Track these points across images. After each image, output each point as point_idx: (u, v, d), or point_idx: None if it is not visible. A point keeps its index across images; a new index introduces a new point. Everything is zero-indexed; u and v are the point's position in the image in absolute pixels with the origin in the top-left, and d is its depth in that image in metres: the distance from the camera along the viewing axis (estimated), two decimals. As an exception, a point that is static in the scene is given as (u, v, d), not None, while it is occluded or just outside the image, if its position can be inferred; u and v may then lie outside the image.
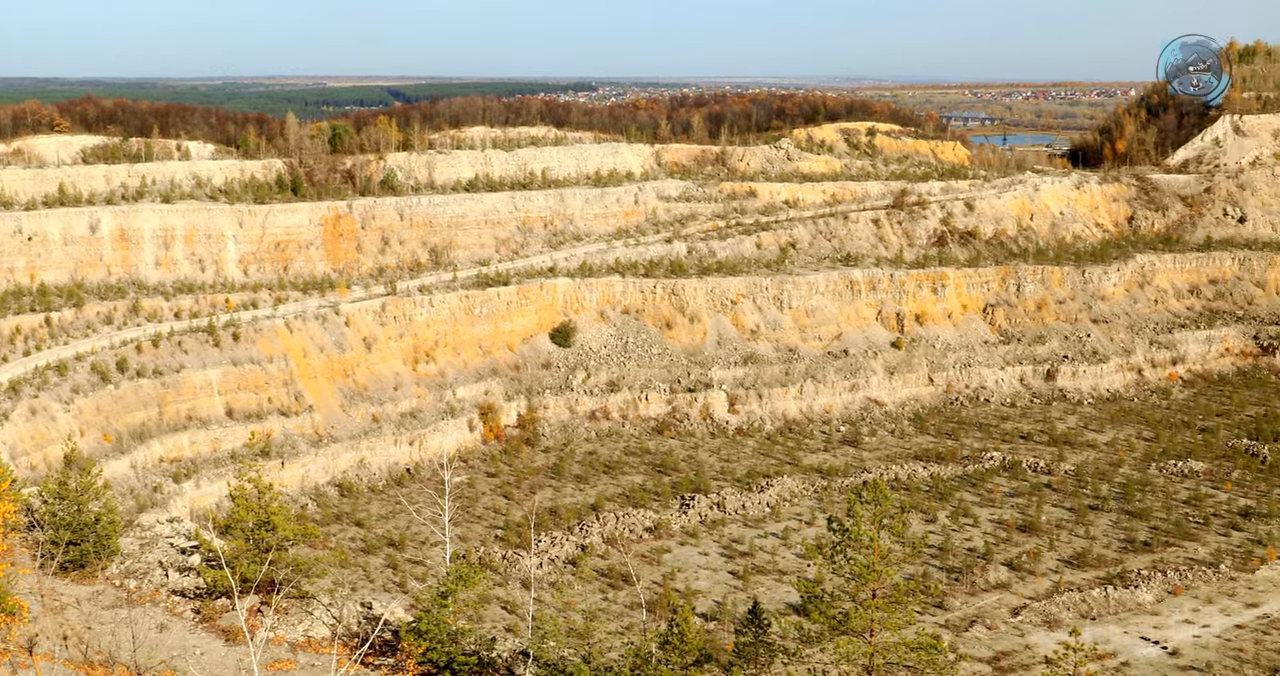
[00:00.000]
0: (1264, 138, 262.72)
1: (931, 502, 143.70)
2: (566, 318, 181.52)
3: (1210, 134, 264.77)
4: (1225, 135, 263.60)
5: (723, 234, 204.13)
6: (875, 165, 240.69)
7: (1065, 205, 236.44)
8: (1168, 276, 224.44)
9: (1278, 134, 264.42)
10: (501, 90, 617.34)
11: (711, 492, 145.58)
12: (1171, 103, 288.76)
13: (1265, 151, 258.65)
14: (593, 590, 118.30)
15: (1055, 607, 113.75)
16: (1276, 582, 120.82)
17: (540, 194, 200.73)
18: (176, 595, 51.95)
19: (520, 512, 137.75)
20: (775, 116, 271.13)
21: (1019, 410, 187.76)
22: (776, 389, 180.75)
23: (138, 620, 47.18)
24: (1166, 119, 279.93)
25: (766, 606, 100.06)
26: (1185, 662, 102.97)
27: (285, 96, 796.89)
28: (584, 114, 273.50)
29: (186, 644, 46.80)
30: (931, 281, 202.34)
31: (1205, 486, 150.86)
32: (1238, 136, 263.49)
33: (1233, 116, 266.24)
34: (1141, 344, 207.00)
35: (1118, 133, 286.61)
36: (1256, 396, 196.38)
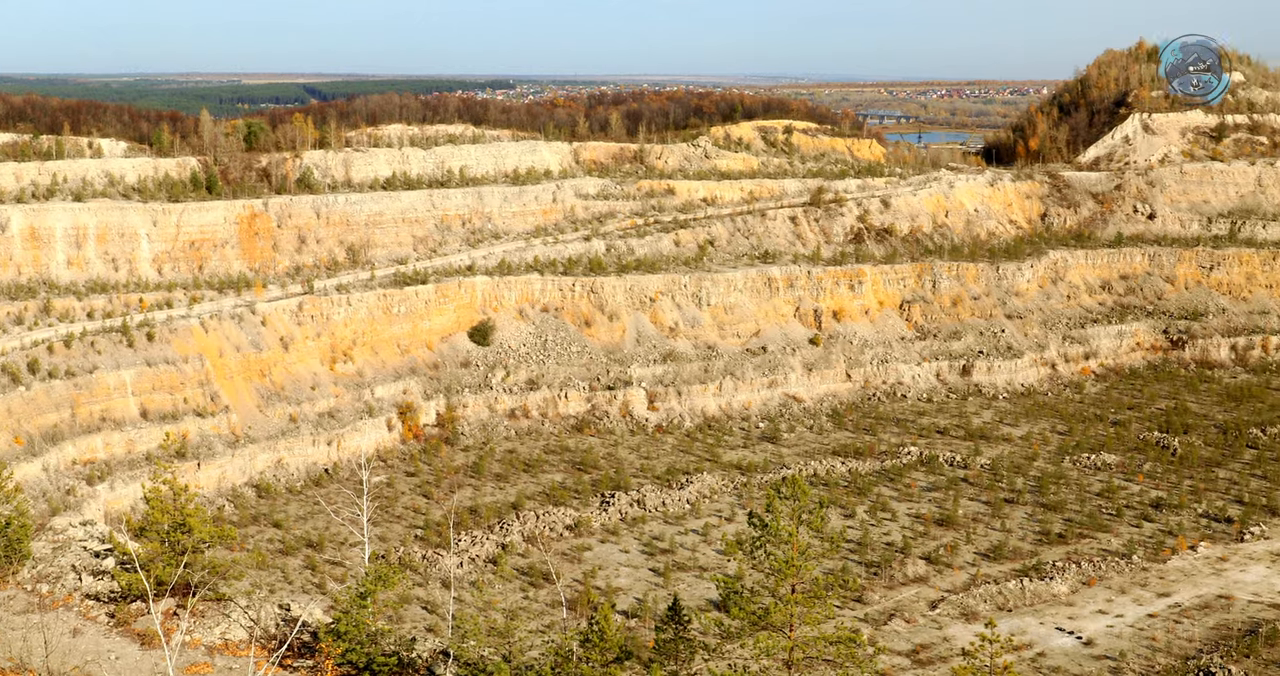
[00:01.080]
0: (1172, 136, 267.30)
1: (850, 498, 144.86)
2: (485, 316, 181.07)
3: (1121, 132, 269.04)
4: (1135, 133, 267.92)
5: (641, 232, 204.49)
6: (792, 163, 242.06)
7: (980, 202, 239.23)
8: (1080, 272, 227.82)
9: (1186, 132, 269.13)
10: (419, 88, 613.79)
11: (632, 490, 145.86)
12: (1083, 101, 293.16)
13: (1174, 149, 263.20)
14: (513, 589, 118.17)
15: (972, 600, 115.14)
16: (1187, 572, 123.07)
17: (458, 192, 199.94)
18: (90, 599, 51.27)
19: (440, 512, 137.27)
20: (693, 114, 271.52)
21: (935, 405, 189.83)
22: (696, 386, 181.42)
23: (50, 625, 46.56)
24: (1078, 117, 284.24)
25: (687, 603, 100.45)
26: (1100, 652, 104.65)
27: (200, 93, 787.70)
28: (502, 112, 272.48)
29: (101, 648, 46.25)
30: (849, 278, 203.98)
31: (1118, 478, 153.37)
32: (1147, 134, 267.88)
33: (1142, 115, 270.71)
34: (1055, 339, 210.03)
35: (1030, 131, 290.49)
36: (1167, 390, 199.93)
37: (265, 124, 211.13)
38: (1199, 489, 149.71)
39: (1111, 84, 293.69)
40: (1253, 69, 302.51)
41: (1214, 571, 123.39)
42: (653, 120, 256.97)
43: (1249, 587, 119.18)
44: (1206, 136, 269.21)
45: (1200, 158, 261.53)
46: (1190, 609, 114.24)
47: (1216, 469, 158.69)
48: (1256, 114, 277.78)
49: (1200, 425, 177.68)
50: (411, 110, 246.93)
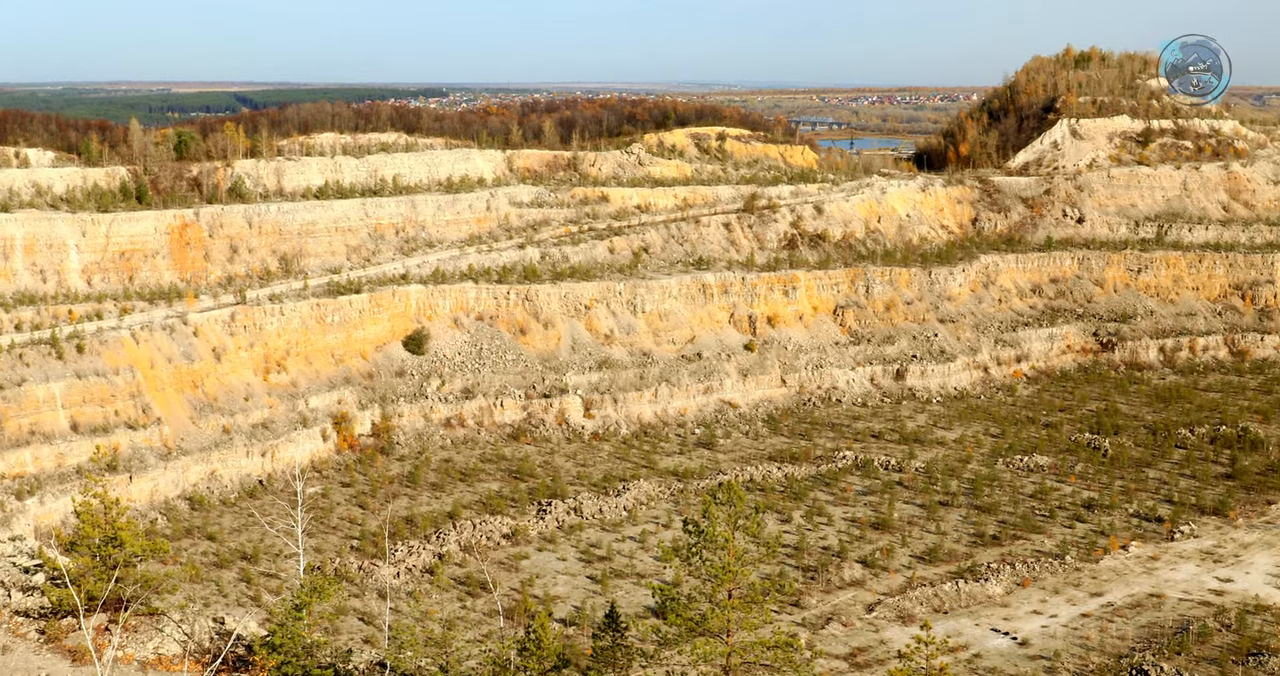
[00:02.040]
0: (1100, 141, 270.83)
1: (786, 502, 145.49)
2: (420, 325, 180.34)
3: (1049, 137, 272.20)
4: (1063, 138, 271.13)
5: (576, 239, 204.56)
6: (726, 169, 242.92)
7: (911, 207, 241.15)
8: (1011, 276, 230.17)
9: (1113, 137, 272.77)
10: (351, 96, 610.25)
11: (568, 498, 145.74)
12: (1012, 107, 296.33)
13: (1101, 154, 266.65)
14: (450, 598, 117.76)
15: (908, 602, 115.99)
16: (1119, 572, 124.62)
17: (392, 200, 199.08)
18: (20, 615, 50.63)
19: (376, 522, 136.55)
20: (626, 122, 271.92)
21: (870, 409, 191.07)
22: (631, 393, 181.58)
23: (-21, 642, 45.94)
24: (1007, 123, 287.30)
25: (625, 610, 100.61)
26: (1034, 652, 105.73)
27: (129, 102, 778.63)
28: (435, 120, 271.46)
29: (31, 666, 45.70)
30: (782, 284, 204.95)
31: (1050, 480, 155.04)
32: (1075, 139, 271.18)
33: (1070, 120, 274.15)
34: (987, 342, 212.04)
35: (961, 136, 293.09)
36: (1097, 391, 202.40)
37: (196, 133, 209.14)
38: (1130, 489, 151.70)
39: (1040, 90, 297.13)
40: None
41: (1145, 570, 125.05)
42: (586, 128, 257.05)
43: (1179, 586, 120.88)
44: (1133, 141, 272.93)
45: (1127, 162, 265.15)
46: (1122, 608, 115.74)
47: (1146, 469, 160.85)
48: (1181, 119, 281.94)
49: (1130, 426, 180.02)
50: (344, 119, 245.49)
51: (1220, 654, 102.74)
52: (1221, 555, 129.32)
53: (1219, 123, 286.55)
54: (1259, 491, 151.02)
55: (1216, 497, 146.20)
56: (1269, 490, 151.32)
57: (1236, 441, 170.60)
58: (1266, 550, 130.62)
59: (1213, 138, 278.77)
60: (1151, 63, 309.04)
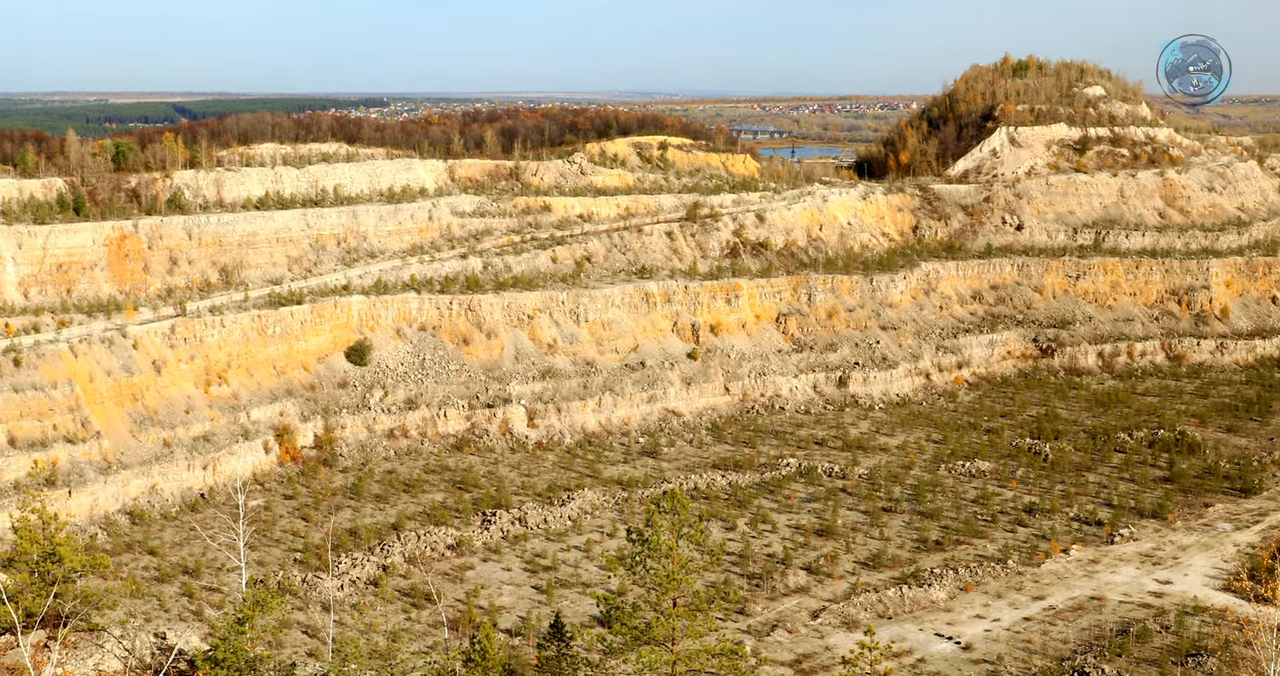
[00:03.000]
0: (1038, 148, 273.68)
1: (731, 510, 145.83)
2: (362, 336, 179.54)
3: (988, 145, 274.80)
4: (1002, 146, 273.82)
5: (518, 249, 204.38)
6: (668, 178, 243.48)
7: (853, 216, 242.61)
8: (951, 283, 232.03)
9: (1051, 144, 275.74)
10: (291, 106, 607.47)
11: (513, 508, 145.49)
12: (951, 115, 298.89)
13: (1039, 161, 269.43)
14: (395, 610, 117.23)
15: (853, 608, 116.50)
16: (1061, 575, 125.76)
17: (333, 211, 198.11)
18: (-43, 633, 50.03)
19: (319, 534, 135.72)
20: (568, 131, 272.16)
21: (813, 417, 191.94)
22: (575, 402, 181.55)
23: (-84, 661, 45.37)
24: (947, 131, 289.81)
25: (570, 619, 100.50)
26: (978, 656, 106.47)
27: (65, 113, 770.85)
28: (376, 130, 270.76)
29: (-31, 683, 45.18)
30: (725, 292, 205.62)
31: (992, 485, 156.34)
32: (1013, 147, 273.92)
33: (1008, 128, 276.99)
34: (928, 349, 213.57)
35: (901, 144, 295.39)
36: (1037, 397, 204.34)
37: (134, 144, 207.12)
38: (1070, 493, 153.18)
39: (978, 98, 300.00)
40: (1113, 83, 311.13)
41: (1086, 573, 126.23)
42: (528, 137, 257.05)
43: (1120, 588, 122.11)
44: (1071, 149, 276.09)
45: (1065, 169, 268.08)
46: (1064, 611, 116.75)
47: (1086, 473, 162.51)
48: (1118, 127, 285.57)
49: (1070, 431, 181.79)
50: (284, 129, 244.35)
51: (1160, 655, 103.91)
52: (1160, 557, 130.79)
53: (1154, 131, 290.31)
54: (1196, 494, 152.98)
55: (1155, 501, 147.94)
56: (1206, 493, 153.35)
57: (1174, 445, 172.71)
58: (1204, 552, 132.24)
59: (1148, 145, 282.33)
60: (1088, 71, 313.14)
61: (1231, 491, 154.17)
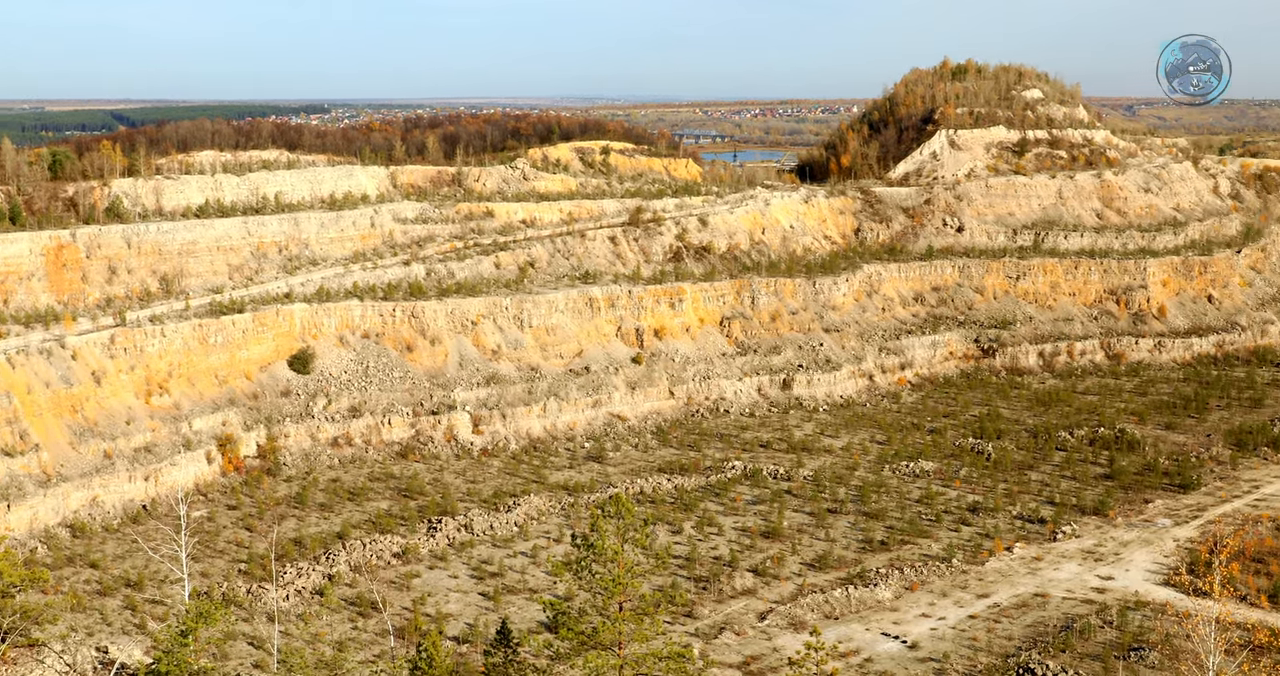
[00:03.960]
0: (977, 151, 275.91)
1: (677, 514, 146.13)
2: (305, 344, 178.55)
3: (928, 148, 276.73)
4: (942, 149, 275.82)
5: (461, 255, 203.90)
6: (610, 183, 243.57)
7: (795, 219, 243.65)
8: (893, 285, 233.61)
9: (990, 147, 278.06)
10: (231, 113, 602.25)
11: (459, 514, 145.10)
12: (891, 119, 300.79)
13: (979, 164, 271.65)
14: (341, 619, 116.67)
15: (800, 609, 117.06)
16: (1005, 573, 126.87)
17: (274, 218, 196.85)
18: (-105, 650, 49.43)
19: (263, 544, 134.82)
20: (510, 136, 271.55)
21: (758, 419, 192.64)
22: (520, 408, 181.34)
23: None
24: (887, 134, 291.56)
25: (518, 625, 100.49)
26: (924, 655, 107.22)
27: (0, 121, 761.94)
28: (317, 136, 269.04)
29: (-92, 700, 44.69)
30: (669, 296, 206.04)
31: (935, 485, 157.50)
32: (953, 150, 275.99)
33: (948, 131, 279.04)
34: (871, 351, 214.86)
35: (842, 148, 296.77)
36: (979, 397, 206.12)
37: (71, 152, 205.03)
38: (1013, 492, 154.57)
39: (918, 102, 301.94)
40: (1051, 86, 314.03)
41: (1029, 571, 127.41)
42: (470, 143, 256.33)
43: (1063, 585, 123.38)
44: (1010, 151, 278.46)
45: (1004, 172, 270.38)
46: (1008, 608, 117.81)
47: (1029, 472, 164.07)
48: (1055, 129, 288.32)
49: (1012, 430, 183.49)
50: (224, 136, 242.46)
51: (1103, 650, 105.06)
52: (1102, 554, 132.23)
53: (1091, 133, 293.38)
54: (1136, 490, 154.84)
55: (1096, 498, 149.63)
56: (1146, 489, 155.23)
57: (1114, 442, 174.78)
58: (1145, 547, 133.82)
59: (1086, 147, 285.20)
60: (1026, 74, 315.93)
61: (1170, 487, 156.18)
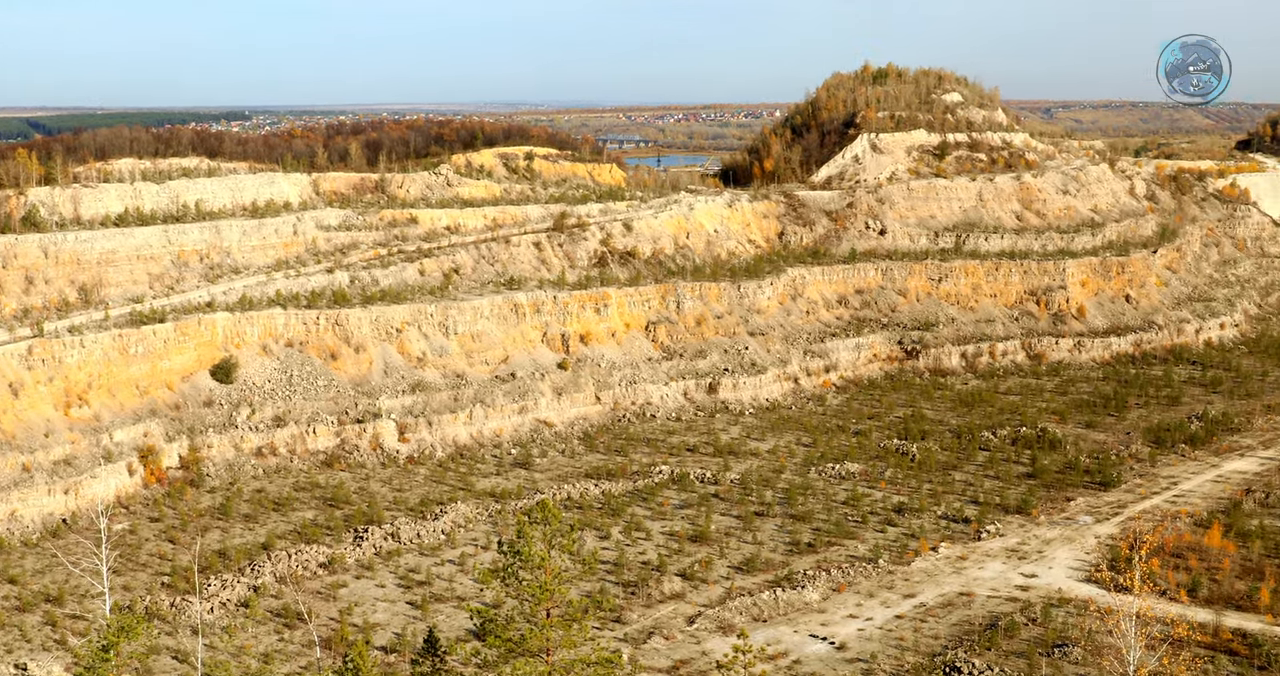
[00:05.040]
0: (899, 154, 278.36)
1: (604, 519, 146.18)
2: (227, 353, 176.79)
3: (850, 151, 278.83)
4: (864, 153, 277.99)
5: (385, 262, 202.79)
6: (535, 189, 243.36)
7: (719, 223, 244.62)
8: (818, 288, 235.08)
9: (911, 150, 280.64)
10: (150, 120, 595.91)
11: (385, 523, 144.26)
12: (813, 122, 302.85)
13: (900, 167, 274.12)
14: (267, 631, 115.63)
15: (728, 613, 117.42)
16: (930, 572, 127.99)
17: (195, 227, 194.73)
18: None
19: (187, 556, 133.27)
20: (434, 143, 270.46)
21: (684, 423, 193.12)
22: (446, 415, 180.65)
23: None
24: (810, 138, 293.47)
25: (446, 634, 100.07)
26: (852, 655, 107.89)
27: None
28: (238, 144, 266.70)
29: None
30: (594, 301, 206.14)
31: (861, 486, 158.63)
32: (875, 154, 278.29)
33: (870, 135, 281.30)
34: (796, 354, 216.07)
35: (765, 152, 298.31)
36: (904, 398, 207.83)
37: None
38: (937, 492, 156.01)
39: (840, 106, 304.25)
40: (970, 90, 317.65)
41: (955, 570, 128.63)
42: (393, 149, 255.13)
43: (987, 583, 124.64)
44: (930, 154, 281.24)
45: (925, 175, 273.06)
46: (934, 607, 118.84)
47: (953, 472, 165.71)
48: (975, 132, 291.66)
49: (936, 431, 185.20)
50: (143, 144, 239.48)
51: (1027, 647, 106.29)
52: (1026, 552, 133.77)
53: (1010, 136, 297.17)
54: (1058, 489, 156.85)
55: (1019, 496, 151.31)
56: (1067, 487, 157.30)
57: (1036, 442, 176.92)
58: (1067, 545, 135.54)
59: (1005, 150, 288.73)
60: (946, 78, 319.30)
61: (1091, 485, 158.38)
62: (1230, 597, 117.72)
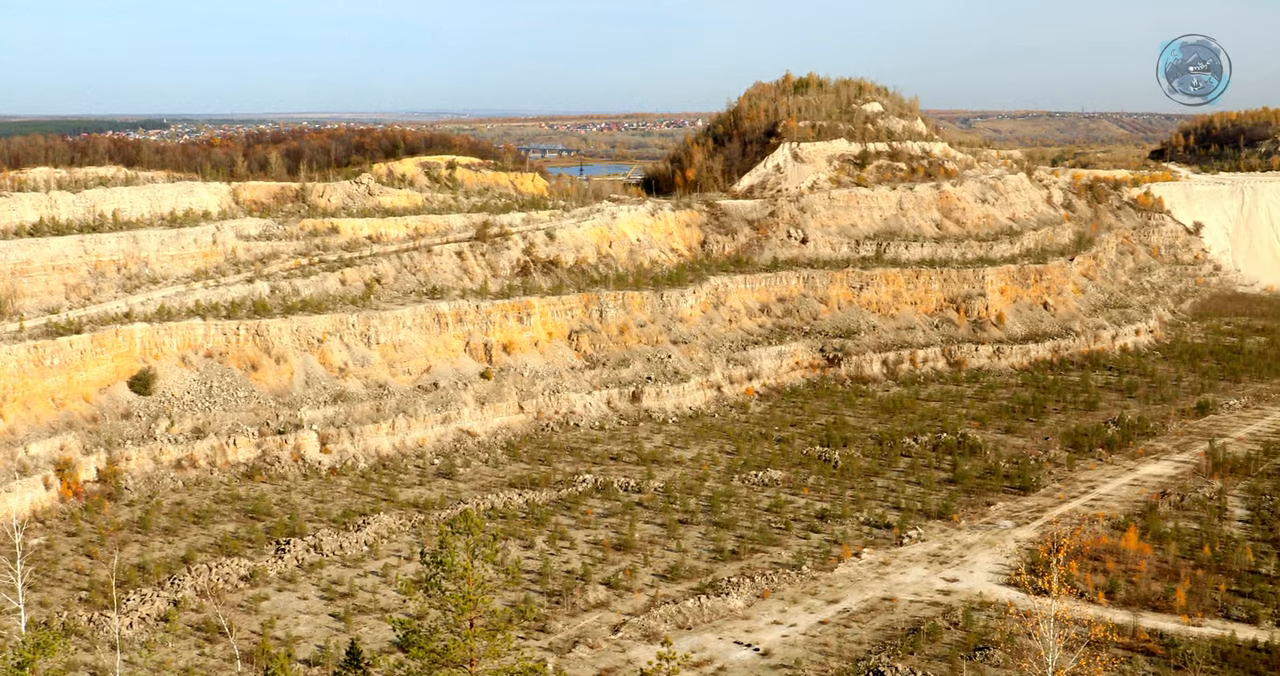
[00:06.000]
0: (820, 163, 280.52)
1: (528, 528, 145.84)
2: (146, 365, 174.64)
3: (772, 161, 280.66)
4: (786, 162, 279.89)
5: (306, 272, 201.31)
6: (457, 198, 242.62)
7: (642, 232, 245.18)
8: (740, 296, 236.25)
9: (832, 159, 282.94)
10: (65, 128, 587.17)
11: (307, 535, 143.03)
12: (735, 132, 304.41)
13: (821, 176, 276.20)
14: (187, 646, 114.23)
15: (653, 621, 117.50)
16: (853, 578, 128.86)
17: (112, 236, 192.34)
18: None
19: (105, 571, 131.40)
20: (355, 152, 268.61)
21: (608, 432, 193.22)
22: (368, 426, 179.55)
23: None
24: (731, 147, 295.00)
25: (369, 646, 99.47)
26: (776, 662, 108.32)
27: None
28: (156, 153, 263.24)
29: None
30: (517, 311, 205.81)
31: (785, 493, 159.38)
32: (797, 163, 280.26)
33: (791, 144, 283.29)
34: (719, 362, 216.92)
35: (688, 161, 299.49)
36: (825, 406, 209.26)
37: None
38: (860, 498, 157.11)
39: (762, 115, 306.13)
40: (890, 99, 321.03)
41: (877, 575, 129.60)
42: (314, 158, 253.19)
43: (910, 588, 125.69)
44: (851, 163, 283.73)
45: (846, 184, 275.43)
46: (858, 613, 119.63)
47: (875, 478, 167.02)
48: (895, 142, 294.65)
49: (858, 437, 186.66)
50: (58, 152, 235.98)
51: (950, 650, 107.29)
52: (947, 556, 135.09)
53: (930, 145, 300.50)
54: (979, 493, 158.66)
55: (940, 502, 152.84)
56: (988, 492, 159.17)
57: (956, 447, 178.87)
58: (987, 549, 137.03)
59: (925, 159, 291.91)
60: (866, 88, 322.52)
61: (1011, 490, 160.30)
62: (1147, 599, 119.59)
